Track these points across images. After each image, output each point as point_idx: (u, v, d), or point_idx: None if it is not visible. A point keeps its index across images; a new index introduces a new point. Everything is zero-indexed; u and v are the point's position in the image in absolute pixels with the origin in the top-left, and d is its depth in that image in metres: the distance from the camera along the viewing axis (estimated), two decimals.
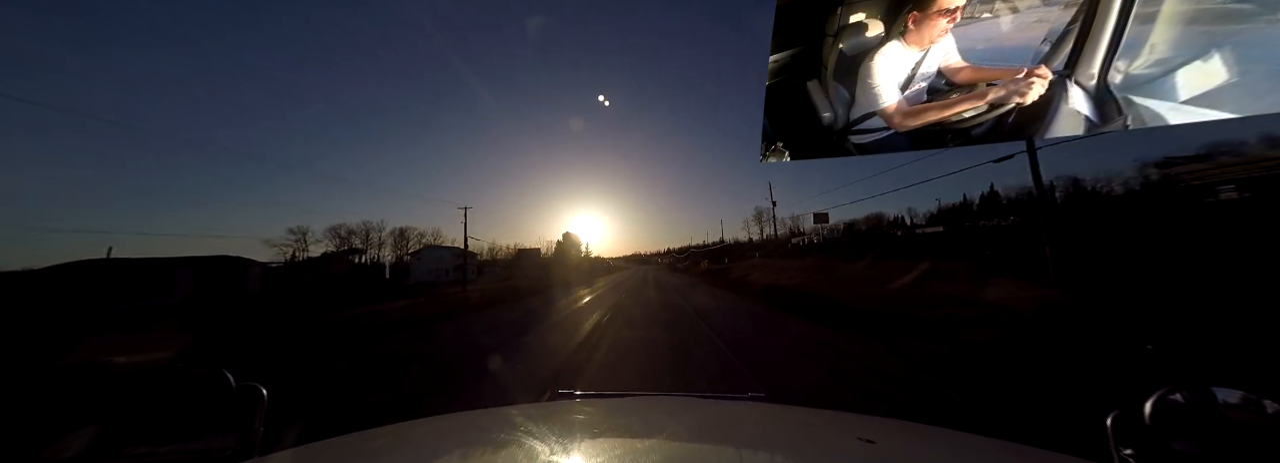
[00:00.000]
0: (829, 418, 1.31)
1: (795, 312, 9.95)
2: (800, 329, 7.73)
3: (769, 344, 6.62)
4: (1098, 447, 0.87)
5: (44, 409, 3.97)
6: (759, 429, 1.15)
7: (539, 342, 7.41)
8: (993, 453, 1.00)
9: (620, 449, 0.91)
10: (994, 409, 3.62)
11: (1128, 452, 0.81)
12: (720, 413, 1.27)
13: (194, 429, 1.03)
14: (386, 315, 12.38)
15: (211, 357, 7.19)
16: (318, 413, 3.99)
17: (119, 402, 4.06)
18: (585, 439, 0.99)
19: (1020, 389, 4.05)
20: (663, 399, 1.51)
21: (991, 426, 3.27)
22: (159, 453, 0.97)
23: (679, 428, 1.10)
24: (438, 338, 8.40)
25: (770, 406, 1.41)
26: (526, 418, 1.16)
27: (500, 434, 1.04)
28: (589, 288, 24.18)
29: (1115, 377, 4.18)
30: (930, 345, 5.89)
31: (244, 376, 1.11)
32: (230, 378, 1.08)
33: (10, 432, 3.42)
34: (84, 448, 2.50)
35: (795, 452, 0.99)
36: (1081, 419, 3.06)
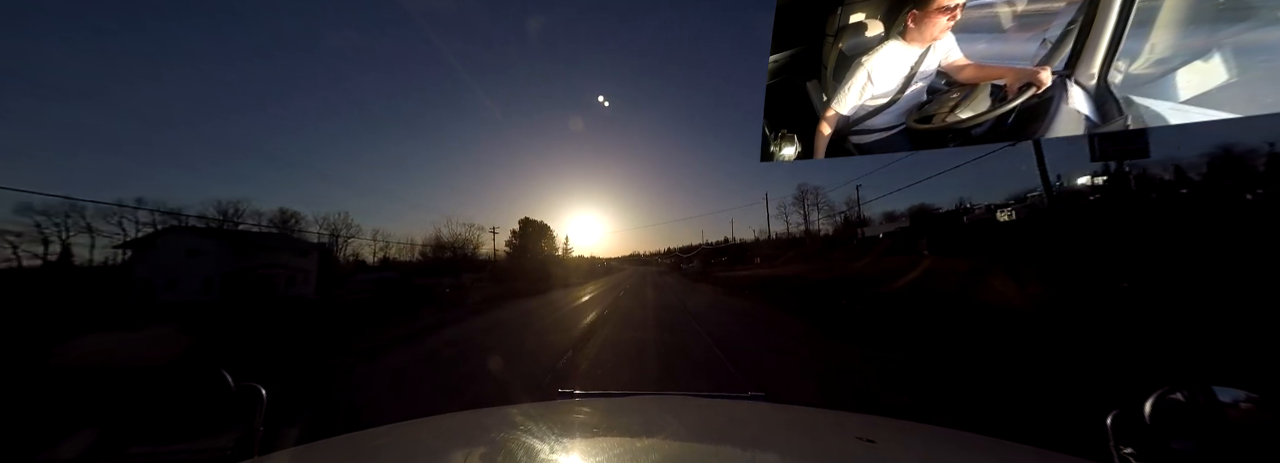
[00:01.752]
0: (829, 418, 1.31)
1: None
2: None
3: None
4: (1098, 446, 0.87)
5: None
6: (759, 429, 1.15)
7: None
8: (993, 453, 1.00)
9: (620, 449, 0.91)
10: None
11: (1128, 451, 0.81)
12: (720, 413, 1.27)
13: (194, 429, 1.03)
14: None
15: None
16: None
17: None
18: (585, 439, 0.99)
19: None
20: (662, 399, 1.52)
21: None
22: (159, 453, 0.98)
23: (679, 428, 1.10)
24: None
25: (770, 405, 1.41)
26: (527, 418, 1.16)
27: (501, 434, 1.04)
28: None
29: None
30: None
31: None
32: (229, 378, 1.08)
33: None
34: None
35: (795, 452, 0.99)
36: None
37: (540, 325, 10.85)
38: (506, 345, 8.08)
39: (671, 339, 8.04)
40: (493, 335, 9.33)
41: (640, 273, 53.03)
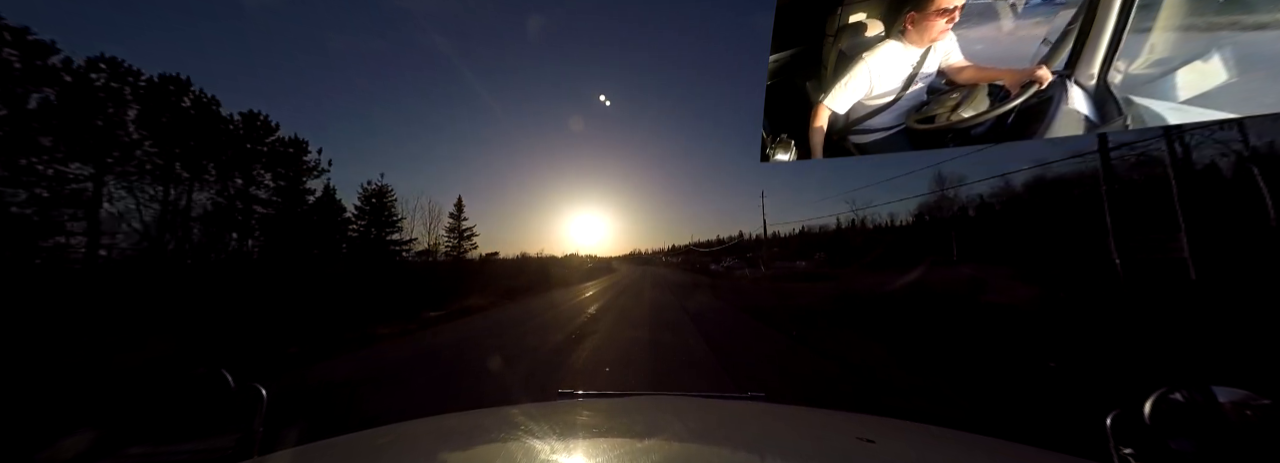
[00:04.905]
0: (829, 418, 1.31)
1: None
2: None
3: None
4: (1098, 446, 0.87)
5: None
6: (759, 429, 1.15)
7: None
8: (993, 453, 1.00)
9: (620, 449, 0.91)
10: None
11: (1128, 451, 0.81)
12: (720, 413, 1.27)
13: (194, 429, 1.03)
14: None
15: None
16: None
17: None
18: (585, 439, 0.99)
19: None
20: (662, 399, 1.51)
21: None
22: (159, 453, 0.98)
23: (679, 428, 1.10)
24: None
25: (770, 405, 1.41)
26: (527, 418, 1.16)
27: (501, 434, 1.04)
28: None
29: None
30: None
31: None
32: (229, 378, 1.08)
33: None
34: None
35: (795, 452, 0.99)
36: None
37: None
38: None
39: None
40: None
41: (638, 283, 28.53)
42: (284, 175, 22.10)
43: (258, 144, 21.29)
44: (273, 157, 21.73)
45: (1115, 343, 6.90)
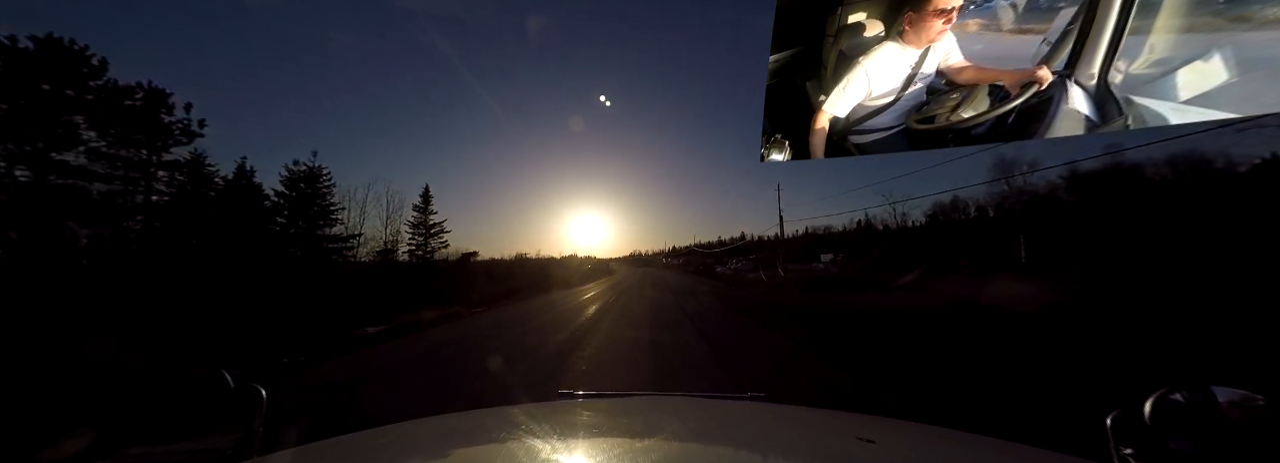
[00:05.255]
0: (829, 418, 1.31)
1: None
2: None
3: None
4: (1098, 446, 0.87)
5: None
6: (759, 429, 1.15)
7: None
8: (993, 453, 1.00)
9: (620, 449, 0.91)
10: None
11: (1128, 451, 0.81)
12: (720, 413, 1.27)
13: (194, 429, 1.03)
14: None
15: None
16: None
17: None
18: (585, 439, 0.99)
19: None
20: (662, 399, 1.51)
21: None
22: (159, 453, 0.98)
23: (679, 428, 1.10)
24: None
25: (770, 405, 1.41)
26: (527, 418, 1.16)
27: (501, 434, 1.04)
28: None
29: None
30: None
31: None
32: (229, 378, 1.08)
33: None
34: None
35: (795, 452, 0.99)
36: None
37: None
38: None
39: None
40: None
41: (638, 285, 26.94)
42: (126, 138, 15.44)
43: (75, 89, 14.22)
44: (108, 111, 15.06)
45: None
